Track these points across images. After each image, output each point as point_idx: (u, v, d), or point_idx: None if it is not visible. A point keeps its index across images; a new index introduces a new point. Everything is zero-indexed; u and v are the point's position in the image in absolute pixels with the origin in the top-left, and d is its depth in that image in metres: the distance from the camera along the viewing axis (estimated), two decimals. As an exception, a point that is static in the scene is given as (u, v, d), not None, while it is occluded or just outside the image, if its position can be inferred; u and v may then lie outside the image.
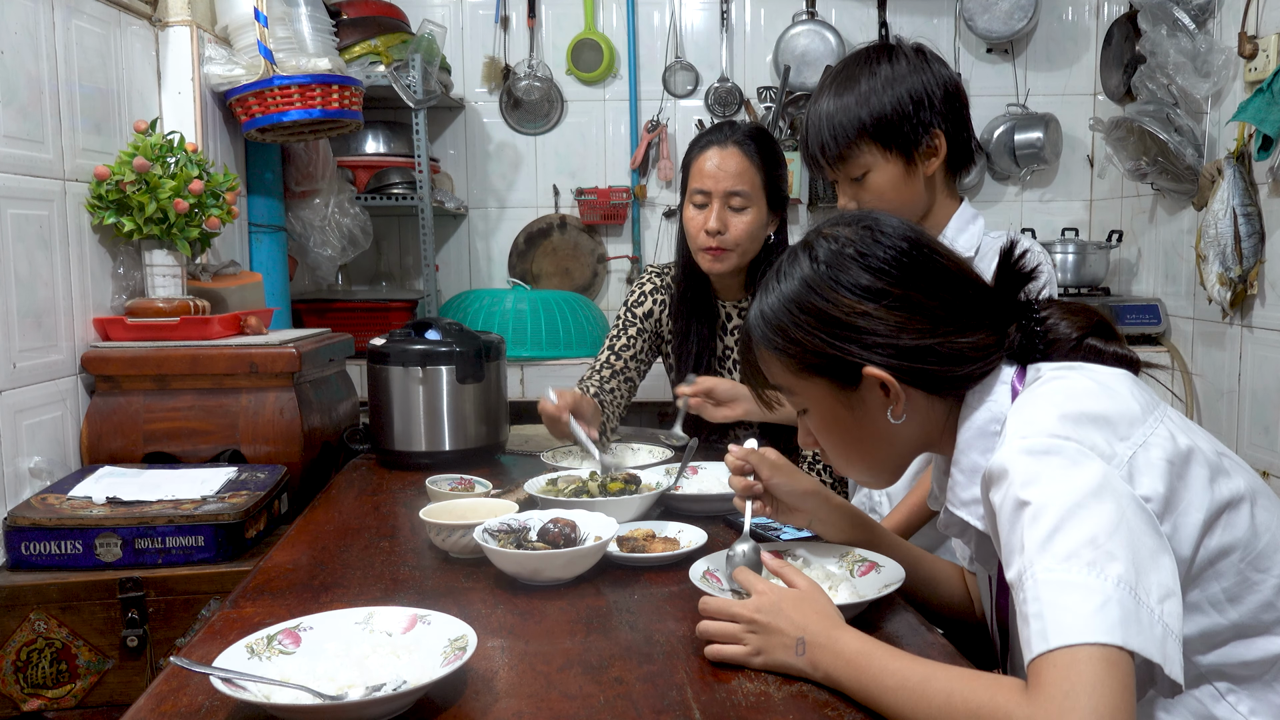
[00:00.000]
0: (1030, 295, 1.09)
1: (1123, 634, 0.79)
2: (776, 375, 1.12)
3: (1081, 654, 0.78)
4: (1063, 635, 0.79)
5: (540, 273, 3.64)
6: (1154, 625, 0.80)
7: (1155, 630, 0.80)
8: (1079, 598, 0.80)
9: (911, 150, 1.59)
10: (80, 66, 2.03)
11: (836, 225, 1.10)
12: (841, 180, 1.65)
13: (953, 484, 1.06)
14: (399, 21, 3.18)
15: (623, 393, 2.06)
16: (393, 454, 2.00)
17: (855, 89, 1.58)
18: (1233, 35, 2.67)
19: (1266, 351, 2.62)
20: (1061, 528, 0.84)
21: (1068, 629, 0.79)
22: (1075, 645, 0.78)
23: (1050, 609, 0.81)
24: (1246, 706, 0.95)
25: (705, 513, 1.60)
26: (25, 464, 1.81)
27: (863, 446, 1.10)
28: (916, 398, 1.05)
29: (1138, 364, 1.06)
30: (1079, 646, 0.78)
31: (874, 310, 1.03)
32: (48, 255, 1.90)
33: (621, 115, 3.63)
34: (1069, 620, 0.79)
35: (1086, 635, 0.78)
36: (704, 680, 1.00)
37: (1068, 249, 3.28)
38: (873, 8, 3.59)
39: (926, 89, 1.57)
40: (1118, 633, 0.78)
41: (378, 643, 1.03)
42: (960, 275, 1.06)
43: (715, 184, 1.92)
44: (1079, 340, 1.05)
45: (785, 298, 1.07)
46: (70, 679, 1.63)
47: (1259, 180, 2.59)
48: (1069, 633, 0.79)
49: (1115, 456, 0.89)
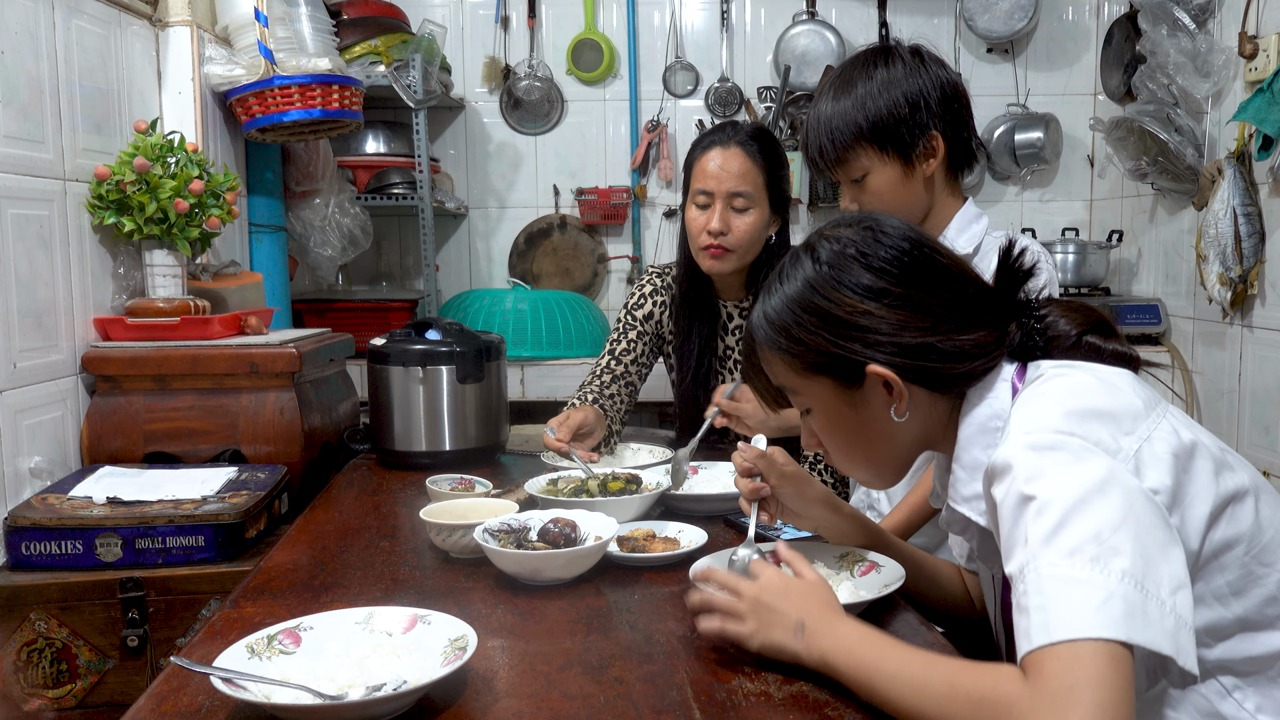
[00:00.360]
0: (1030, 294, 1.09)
1: (1126, 629, 0.79)
2: (780, 375, 1.12)
3: (1085, 648, 0.78)
4: (1065, 629, 0.79)
5: (540, 273, 3.64)
6: (1164, 617, 0.81)
7: (1166, 622, 0.81)
8: (1082, 593, 0.80)
9: (909, 152, 1.60)
10: (80, 66, 2.03)
11: (838, 227, 1.11)
12: (843, 182, 1.66)
13: (954, 480, 1.07)
14: (399, 21, 3.18)
15: (623, 397, 2.06)
16: (393, 454, 2.00)
17: (852, 92, 1.59)
18: (1233, 35, 2.67)
19: (1267, 351, 2.62)
20: (1066, 523, 0.84)
21: (1070, 623, 0.79)
22: (1078, 640, 0.78)
23: (1053, 603, 0.81)
24: (1253, 703, 0.95)
25: (705, 512, 1.60)
26: (25, 464, 1.81)
27: (866, 445, 1.11)
28: (919, 395, 1.06)
29: (1137, 361, 1.06)
30: (1082, 641, 0.78)
31: (876, 309, 1.04)
32: (48, 255, 1.90)
33: (622, 115, 3.63)
34: (1071, 615, 0.80)
35: (1089, 630, 0.79)
36: (704, 680, 1.00)
37: (1068, 249, 3.28)
38: (873, 8, 3.59)
39: (923, 91, 1.58)
40: (1121, 628, 0.79)
41: (378, 643, 1.03)
42: (961, 274, 1.07)
43: (718, 184, 1.92)
44: (1078, 337, 1.06)
45: (788, 298, 1.08)
46: (70, 679, 1.63)
47: (1259, 180, 2.59)
48: (1072, 627, 0.79)
49: (1121, 451, 0.89)
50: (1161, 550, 0.84)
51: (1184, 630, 0.82)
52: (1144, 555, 0.82)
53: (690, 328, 2.06)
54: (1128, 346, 1.07)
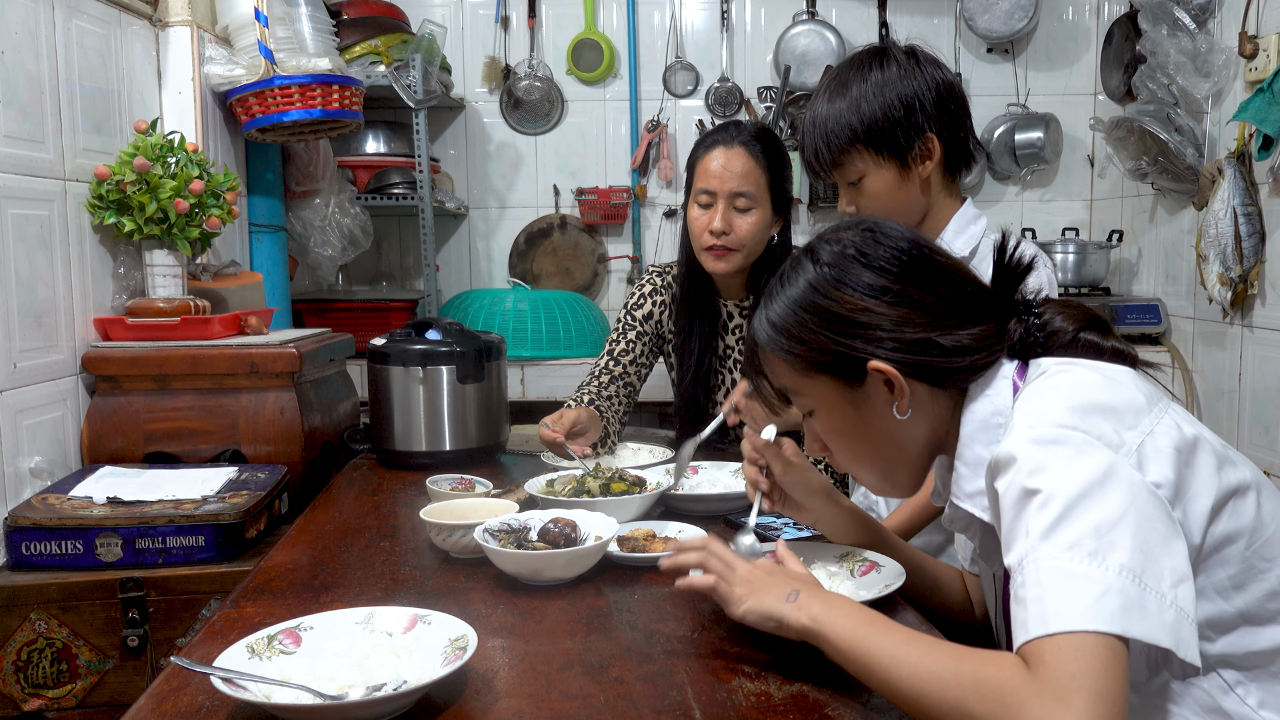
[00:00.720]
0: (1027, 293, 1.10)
1: (1122, 623, 0.80)
2: (782, 377, 1.13)
3: (1084, 640, 0.79)
4: (1062, 621, 0.80)
5: (540, 273, 3.64)
6: (1164, 610, 0.81)
7: (1166, 615, 0.81)
8: (1080, 586, 0.81)
9: (905, 155, 1.60)
10: (81, 66, 2.03)
11: (838, 230, 1.12)
12: (840, 184, 1.67)
13: (957, 477, 1.07)
14: (399, 21, 3.18)
15: (621, 398, 2.06)
16: (393, 454, 2.00)
17: (846, 94, 1.60)
18: (1233, 35, 2.67)
19: (1267, 351, 2.62)
20: (1066, 516, 0.85)
21: (1067, 616, 0.80)
22: (1076, 632, 0.79)
23: (1051, 595, 0.82)
24: (1255, 698, 0.95)
25: (705, 512, 1.60)
26: (26, 464, 1.81)
27: (870, 445, 1.11)
28: (920, 392, 1.07)
29: (1135, 359, 1.07)
30: (1080, 633, 0.79)
31: (876, 305, 1.05)
32: (48, 255, 1.90)
33: (622, 115, 3.63)
34: (1069, 608, 0.80)
35: (1086, 623, 0.79)
36: (704, 680, 1.00)
37: (1068, 249, 3.28)
38: (873, 8, 3.58)
39: (918, 93, 1.58)
40: (1117, 622, 0.79)
41: (378, 642, 1.03)
42: (959, 274, 1.09)
43: (721, 184, 1.92)
44: (1076, 334, 1.06)
45: (790, 300, 1.09)
46: (71, 679, 1.63)
47: (1259, 180, 2.59)
48: (1069, 620, 0.80)
49: (1124, 445, 0.90)
50: (1163, 543, 0.85)
51: (1185, 623, 0.82)
52: (1144, 549, 0.83)
53: (691, 327, 2.06)
54: (1125, 344, 1.08)
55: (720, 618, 1.14)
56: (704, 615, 1.17)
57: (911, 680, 0.86)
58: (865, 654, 0.91)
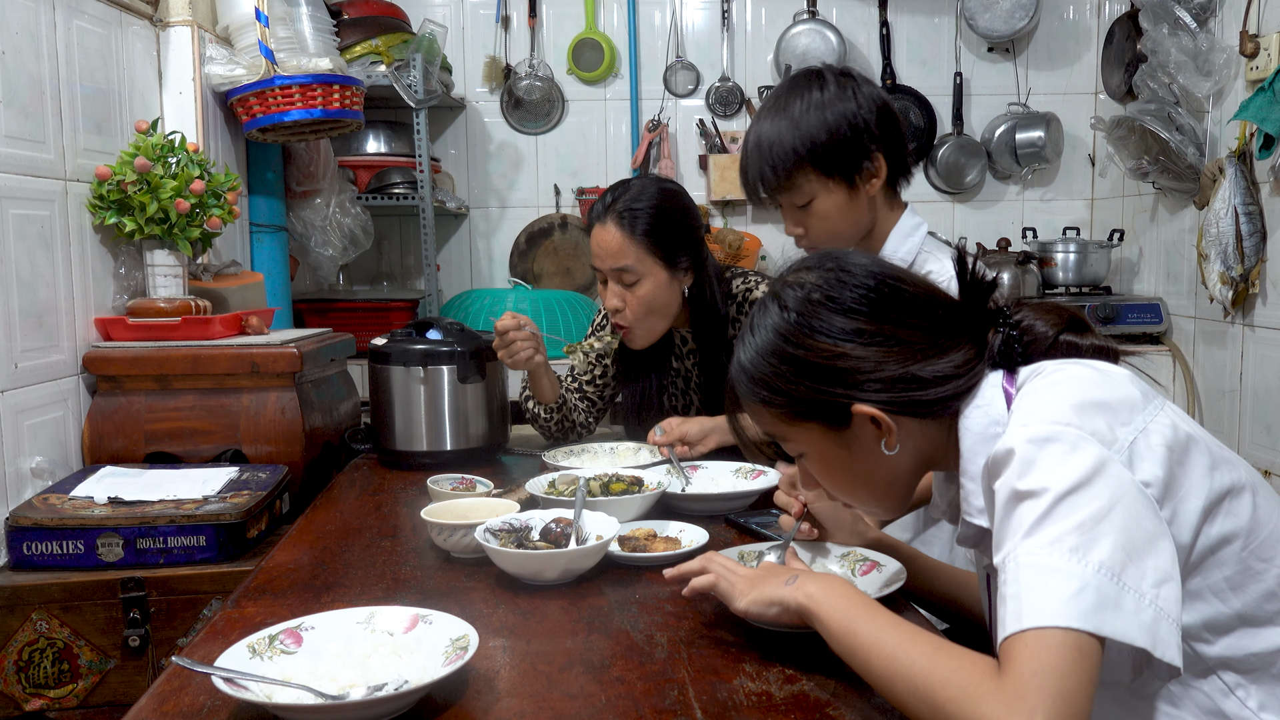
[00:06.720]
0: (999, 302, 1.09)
1: (1095, 621, 0.79)
2: (767, 425, 1.12)
3: (1052, 637, 0.79)
4: (1036, 617, 0.80)
5: (541, 272, 3.64)
6: (1142, 610, 0.81)
7: (1144, 615, 0.81)
8: (1055, 582, 0.81)
9: (853, 176, 1.62)
10: (81, 66, 2.03)
11: (799, 272, 1.10)
12: (785, 207, 1.68)
13: (965, 494, 1.06)
14: (400, 21, 3.18)
15: (582, 410, 2.12)
16: (394, 454, 2.00)
17: (788, 116, 1.61)
18: (1234, 34, 2.67)
19: (1268, 350, 2.62)
20: (1051, 513, 0.85)
21: (1041, 611, 0.80)
22: (1046, 628, 0.79)
23: (1027, 591, 0.82)
24: (1256, 701, 0.95)
25: (706, 512, 1.60)
26: (27, 464, 1.81)
27: (864, 481, 1.11)
28: (908, 425, 1.06)
29: (1116, 353, 1.06)
30: (1050, 630, 0.79)
31: (852, 349, 1.03)
32: (49, 255, 1.90)
33: (622, 115, 3.63)
34: (1043, 603, 0.80)
35: (1058, 619, 0.79)
36: (705, 680, 1.00)
37: (1069, 248, 3.28)
38: (873, 7, 3.59)
39: (860, 114, 1.60)
40: (1090, 619, 0.79)
41: (379, 642, 1.03)
42: (930, 297, 1.07)
43: (601, 263, 1.90)
44: (1056, 337, 1.06)
45: (761, 350, 1.08)
46: (72, 679, 1.63)
47: (1260, 179, 2.59)
48: (1042, 615, 0.80)
49: (1116, 441, 0.90)
50: (1148, 542, 0.84)
51: (1165, 623, 0.82)
52: (1127, 547, 0.83)
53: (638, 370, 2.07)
54: (1106, 340, 1.07)
55: (721, 618, 1.14)
56: (705, 615, 1.17)
57: (887, 662, 0.88)
58: (850, 634, 0.93)
